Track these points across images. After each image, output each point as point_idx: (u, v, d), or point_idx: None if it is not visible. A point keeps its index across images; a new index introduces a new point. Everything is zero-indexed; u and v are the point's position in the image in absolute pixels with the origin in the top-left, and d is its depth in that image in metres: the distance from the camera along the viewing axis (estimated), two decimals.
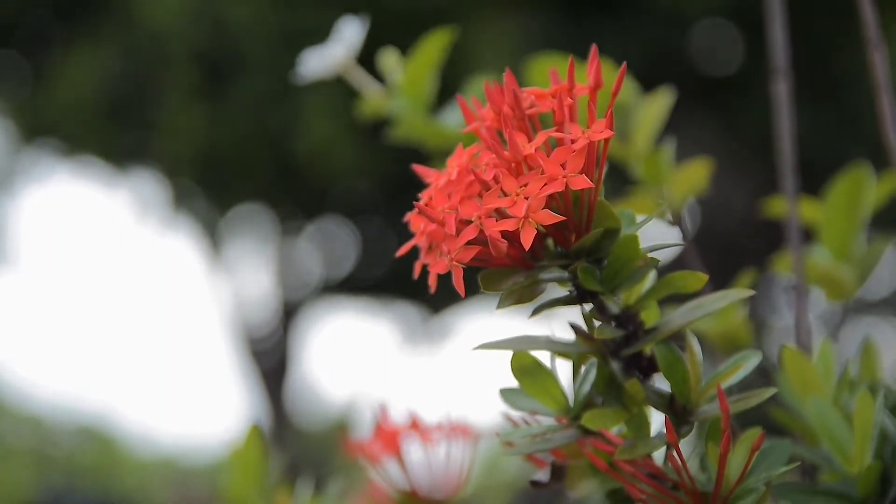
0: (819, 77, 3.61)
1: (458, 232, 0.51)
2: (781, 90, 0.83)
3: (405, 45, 0.89)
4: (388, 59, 0.88)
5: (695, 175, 0.85)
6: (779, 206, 0.89)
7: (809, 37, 3.49)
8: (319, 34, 0.90)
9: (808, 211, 0.87)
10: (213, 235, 5.34)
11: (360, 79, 0.88)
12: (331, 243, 5.32)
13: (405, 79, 0.87)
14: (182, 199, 4.85)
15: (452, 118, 0.87)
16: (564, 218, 0.51)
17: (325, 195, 4.63)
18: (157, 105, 4.06)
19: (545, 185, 0.51)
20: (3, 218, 5.59)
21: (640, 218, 0.55)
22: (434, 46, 0.86)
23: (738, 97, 3.81)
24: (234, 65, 3.91)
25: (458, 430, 0.83)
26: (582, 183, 0.51)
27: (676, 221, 0.81)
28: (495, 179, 0.52)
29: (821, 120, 3.59)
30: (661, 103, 0.84)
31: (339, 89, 0.91)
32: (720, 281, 0.84)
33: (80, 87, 4.12)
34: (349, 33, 0.86)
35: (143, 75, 4.08)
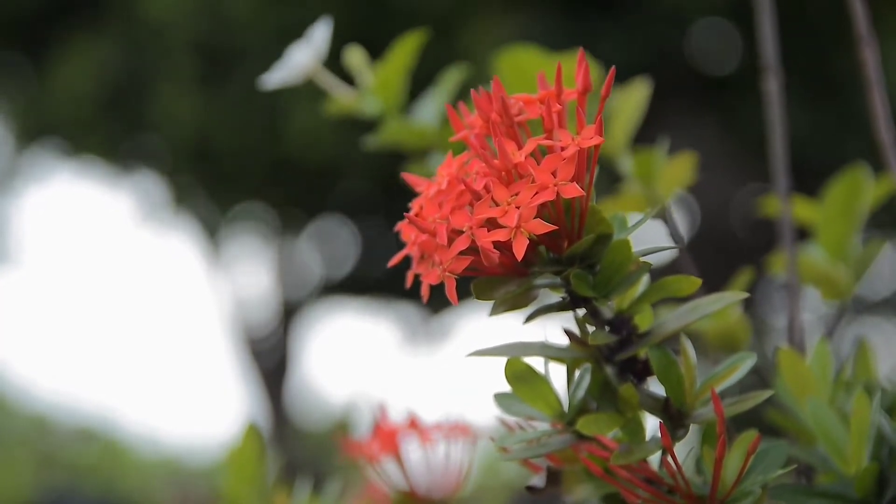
0: (822, 77, 3.61)
1: (450, 242, 0.51)
2: (773, 88, 0.83)
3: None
4: (355, 58, 0.88)
5: (681, 169, 0.84)
6: (773, 205, 0.89)
7: (811, 36, 3.49)
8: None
9: (804, 211, 0.86)
10: (214, 235, 5.34)
11: (329, 82, 0.88)
12: (331, 243, 5.32)
13: (378, 81, 0.86)
14: (182, 199, 4.85)
15: (426, 113, 0.86)
16: (556, 227, 0.51)
17: (325, 194, 4.63)
18: (157, 98, 4.06)
19: (536, 193, 0.51)
20: (6, 217, 5.60)
21: (631, 221, 0.55)
22: (406, 49, 0.86)
23: (737, 97, 3.81)
24: (233, 57, 3.91)
25: (456, 431, 0.84)
26: (573, 191, 0.51)
27: (665, 217, 0.80)
28: (486, 188, 0.52)
29: (823, 120, 3.59)
30: (638, 94, 0.84)
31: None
32: (720, 281, 0.84)
33: (80, 82, 4.12)
34: (316, 37, 0.86)
35: (143, 69, 4.08)
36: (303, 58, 0.85)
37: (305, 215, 5.08)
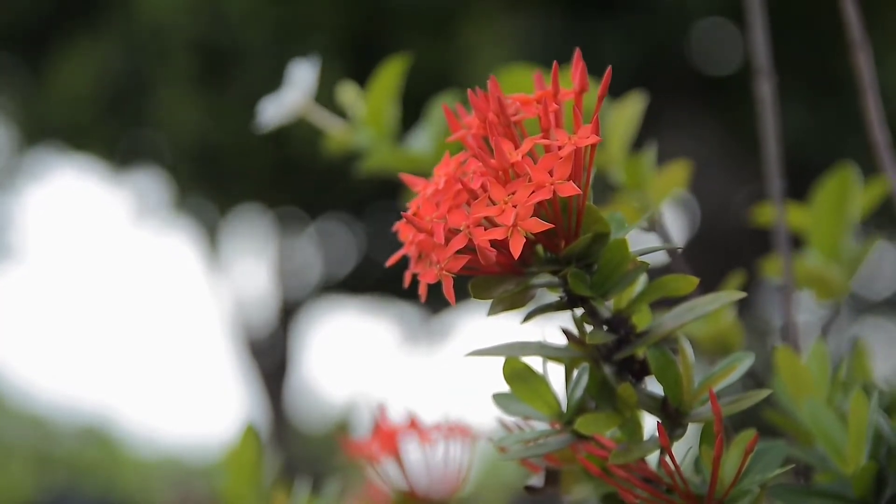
0: (821, 76, 3.61)
1: (447, 241, 0.51)
2: (765, 91, 0.83)
3: (405, 46, 0.89)
4: (347, 93, 0.88)
5: (674, 177, 0.84)
6: (766, 213, 0.89)
7: (811, 36, 3.49)
8: (317, 26, 0.90)
9: (797, 217, 0.86)
10: (214, 234, 5.34)
11: (321, 117, 0.88)
12: (331, 243, 5.32)
13: (367, 110, 0.87)
14: (183, 198, 4.86)
15: (418, 141, 0.86)
16: (553, 225, 0.51)
17: (325, 193, 4.63)
18: (157, 98, 4.06)
19: (533, 192, 0.51)
20: (6, 217, 5.60)
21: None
22: (391, 74, 0.86)
23: (738, 97, 3.81)
24: (233, 56, 3.91)
25: (456, 430, 0.84)
26: (570, 190, 0.51)
27: (655, 226, 0.81)
28: (483, 188, 0.52)
29: (823, 119, 3.59)
30: (633, 108, 0.84)
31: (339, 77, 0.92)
32: (720, 281, 0.84)
33: (80, 83, 4.12)
34: (303, 76, 0.87)
35: (143, 69, 4.09)
36: (292, 98, 0.86)
37: (306, 215, 5.08)
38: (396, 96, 0.87)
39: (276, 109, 0.87)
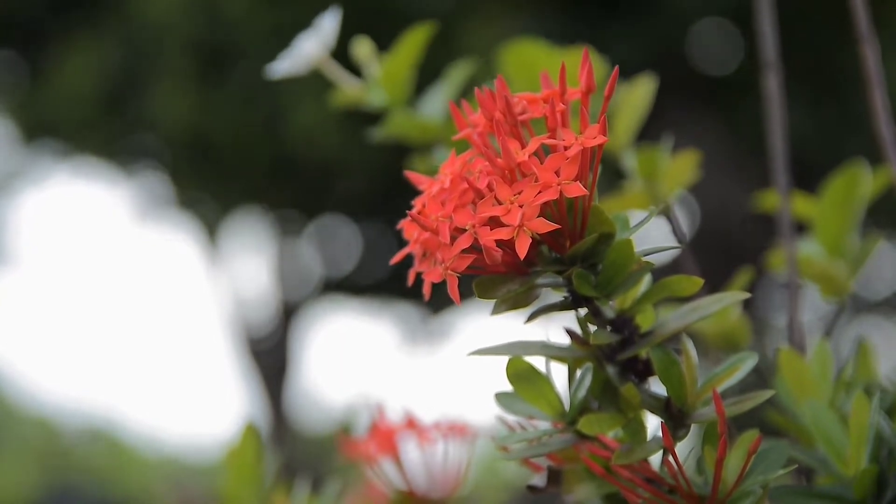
0: (823, 75, 3.60)
1: (453, 241, 0.51)
2: (772, 85, 0.83)
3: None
4: (362, 49, 0.87)
5: (684, 167, 0.84)
6: (771, 199, 0.88)
7: (813, 34, 3.49)
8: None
9: (803, 207, 0.86)
10: (214, 234, 5.34)
11: (336, 72, 0.87)
12: (331, 243, 5.32)
13: (385, 73, 0.85)
14: (182, 198, 4.85)
15: (431, 106, 0.85)
16: (559, 226, 0.51)
17: (325, 193, 4.63)
18: (155, 97, 4.06)
19: (539, 192, 0.51)
20: (7, 218, 5.60)
21: (633, 221, 0.55)
22: (414, 42, 0.85)
23: (739, 97, 3.81)
24: (231, 56, 3.91)
25: (454, 430, 0.84)
26: (576, 191, 0.51)
27: (667, 215, 0.80)
28: (489, 187, 0.52)
29: (825, 118, 3.59)
30: (642, 90, 0.83)
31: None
32: (720, 280, 0.84)
33: (78, 81, 4.12)
34: (324, 27, 0.85)
35: (141, 68, 4.08)
36: (310, 47, 0.85)
37: (305, 215, 5.08)
38: (416, 63, 0.86)
39: (292, 59, 0.85)
